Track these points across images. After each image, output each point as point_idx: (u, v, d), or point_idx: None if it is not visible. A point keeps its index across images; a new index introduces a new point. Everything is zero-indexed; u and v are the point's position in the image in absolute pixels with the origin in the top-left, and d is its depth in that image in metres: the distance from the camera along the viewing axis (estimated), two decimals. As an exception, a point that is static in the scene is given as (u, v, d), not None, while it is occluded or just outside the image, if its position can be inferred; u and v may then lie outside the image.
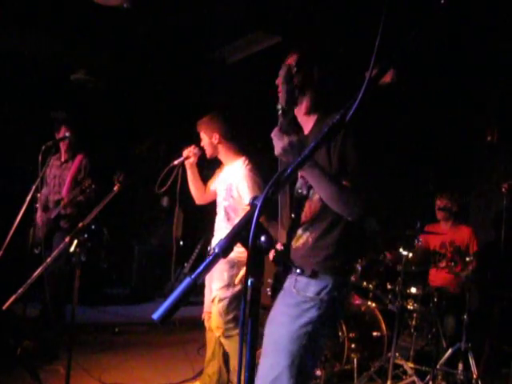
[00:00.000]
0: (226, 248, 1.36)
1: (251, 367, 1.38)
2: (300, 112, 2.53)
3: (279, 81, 2.29)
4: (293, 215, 2.48)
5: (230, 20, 6.03)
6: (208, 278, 4.05)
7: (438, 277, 5.50)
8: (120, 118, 8.09)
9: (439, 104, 6.46)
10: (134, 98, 7.96)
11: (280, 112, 2.25)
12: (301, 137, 2.48)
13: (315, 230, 2.38)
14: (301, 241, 2.42)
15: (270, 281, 2.42)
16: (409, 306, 4.97)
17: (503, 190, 4.79)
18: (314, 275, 2.30)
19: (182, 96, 7.97)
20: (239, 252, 2.43)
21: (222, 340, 3.95)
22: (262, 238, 1.38)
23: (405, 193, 6.80)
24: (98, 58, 7.49)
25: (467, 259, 4.82)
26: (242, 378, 1.38)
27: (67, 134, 5.26)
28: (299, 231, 2.44)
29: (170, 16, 6.06)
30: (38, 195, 4.91)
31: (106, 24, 6.27)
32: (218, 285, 3.88)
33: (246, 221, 1.38)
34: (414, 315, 4.96)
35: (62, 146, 5.60)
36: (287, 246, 2.43)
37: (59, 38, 6.82)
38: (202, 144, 4.13)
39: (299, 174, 2.37)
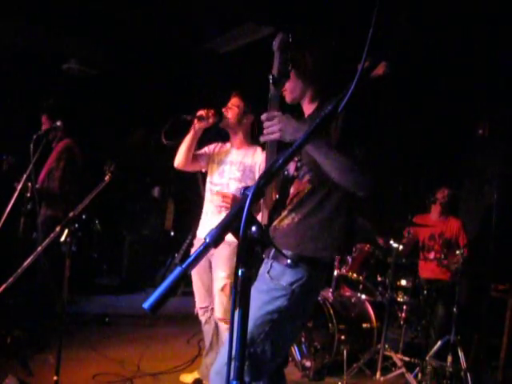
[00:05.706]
0: (217, 238, 1.36)
1: (241, 357, 1.39)
2: (305, 102, 2.46)
3: (275, 47, 2.26)
4: (277, 196, 2.41)
5: (222, 10, 6.02)
6: (198, 273, 3.90)
7: (428, 269, 5.53)
8: (112, 108, 8.05)
9: (430, 97, 6.45)
10: (126, 88, 7.92)
11: (271, 81, 2.21)
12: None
13: (302, 211, 2.30)
14: (286, 221, 2.33)
15: None
16: (399, 298, 5.01)
17: (494, 183, 4.81)
18: (290, 264, 2.22)
19: (174, 86, 7.95)
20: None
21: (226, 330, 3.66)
22: (253, 228, 1.38)
23: (396, 186, 6.81)
24: (89, 47, 7.47)
25: (457, 252, 4.84)
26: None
27: (58, 124, 5.23)
28: (284, 212, 2.36)
29: (162, 6, 6.04)
30: (29, 184, 4.90)
31: (98, 13, 6.24)
32: (227, 272, 3.65)
33: (238, 211, 1.38)
34: (404, 307, 4.99)
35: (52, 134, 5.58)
36: (267, 226, 2.35)
37: (51, 27, 6.78)
38: (226, 109, 3.81)
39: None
